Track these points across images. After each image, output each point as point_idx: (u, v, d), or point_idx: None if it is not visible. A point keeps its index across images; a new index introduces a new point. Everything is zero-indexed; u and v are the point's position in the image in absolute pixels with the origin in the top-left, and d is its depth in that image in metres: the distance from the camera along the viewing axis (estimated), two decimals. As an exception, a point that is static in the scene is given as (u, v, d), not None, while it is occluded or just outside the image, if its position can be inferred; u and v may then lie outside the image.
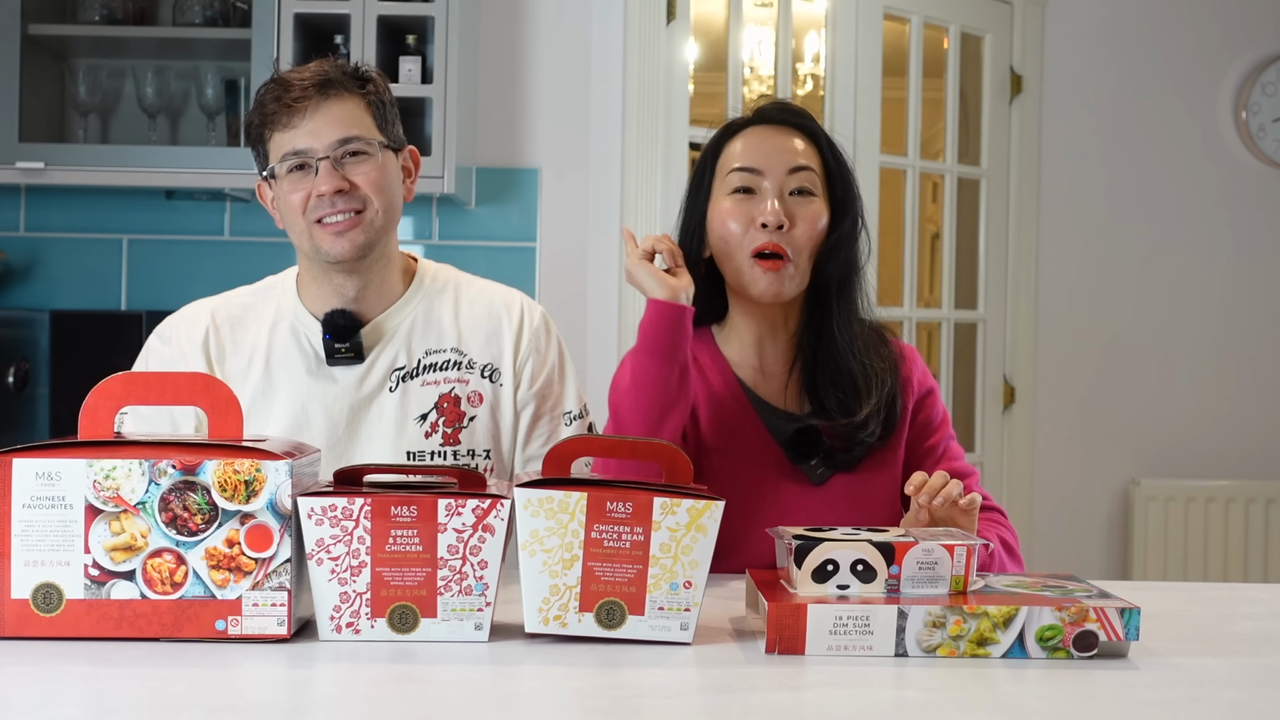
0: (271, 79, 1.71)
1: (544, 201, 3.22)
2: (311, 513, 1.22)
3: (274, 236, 3.18)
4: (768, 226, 1.64)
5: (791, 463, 1.69)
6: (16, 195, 3.19)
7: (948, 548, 1.25)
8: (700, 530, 1.24)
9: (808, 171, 1.67)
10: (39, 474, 1.21)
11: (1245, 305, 3.89)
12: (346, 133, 1.68)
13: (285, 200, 1.70)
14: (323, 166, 1.67)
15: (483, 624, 1.24)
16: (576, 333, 3.15)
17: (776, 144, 1.68)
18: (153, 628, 1.21)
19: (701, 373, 1.73)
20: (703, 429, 1.70)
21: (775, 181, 1.66)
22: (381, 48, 2.88)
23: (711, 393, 1.72)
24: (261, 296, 1.80)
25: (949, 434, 1.77)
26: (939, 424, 1.77)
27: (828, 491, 1.69)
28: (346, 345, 1.72)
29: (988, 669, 1.18)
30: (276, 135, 1.68)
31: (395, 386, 1.75)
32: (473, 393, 1.77)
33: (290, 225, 1.72)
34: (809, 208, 1.66)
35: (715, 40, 4.24)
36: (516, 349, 1.80)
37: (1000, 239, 3.83)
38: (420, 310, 1.79)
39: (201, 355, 1.74)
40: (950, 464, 1.73)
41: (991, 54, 3.78)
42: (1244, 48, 3.86)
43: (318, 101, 1.67)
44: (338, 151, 1.67)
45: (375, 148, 1.70)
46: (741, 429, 1.71)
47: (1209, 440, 3.89)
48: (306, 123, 1.67)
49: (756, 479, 1.69)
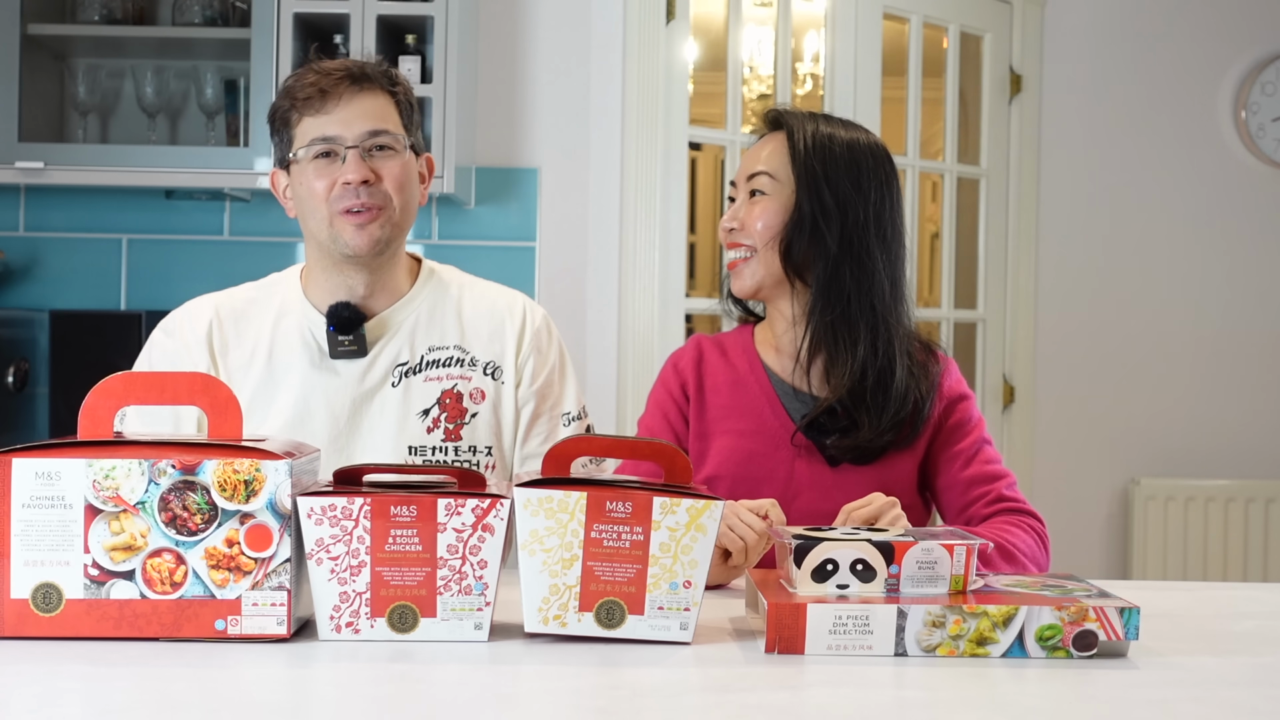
0: (304, 66, 1.73)
1: (544, 201, 3.22)
2: (311, 512, 1.22)
3: (273, 236, 3.21)
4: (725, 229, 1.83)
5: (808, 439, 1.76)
6: (16, 195, 3.19)
7: (947, 547, 1.25)
8: (700, 530, 1.24)
9: (761, 176, 1.81)
10: (38, 474, 1.21)
11: (1245, 305, 3.89)
12: (377, 125, 1.70)
13: (307, 186, 1.70)
14: (351, 155, 1.68)
15: (482, 624, 1.24)
16: (576, 333, 3.15)
17: (752, 154, 1.84)
18: (152, 628, 1.21)
19: (727, 361, 1.84)
20: (720, 411, 1.79)
21: (742, 188, 1.83)
22: (381, 47, 2.88)
23: (734, 377, 1.82)
24: (265, 291, 1.81)
25: (982, 438, 1.81)
26: (970, 429, 1.80)
27: (840, 474, 1.74)
28: (350, 338, 1.73)
29: (987, 668, 1.19)
30: (306, 120, 1.69)
31: (398, 381, 1.75)
32: (475, 389, 1.77)
33: (310, 213, 1.72)
34: (756, 207, 1.80)
35: (715, 40, 4.25)
36: (518, 347, 1.81)
37: (1000, 239, 3.83)
38: (424, 307, 1.79)
39: (205, 348, 1.75)
40: (981, 468, 1.77)
41: (991, 53, 3.78)
42: (1244, 47, 3.86)
43: (352, 92, 1.69)
44: (367, 143, 1.69)
45: (401, 145, 1.72)
46: (759, 408, 1.79)
47: (1209, 440, 3.89)
48: (339, 110, 1.68)
49: (769, 456, 1.76)
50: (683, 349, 1.88)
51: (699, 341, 1.88)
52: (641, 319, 3.20)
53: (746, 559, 1.51)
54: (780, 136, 1.81)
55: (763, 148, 1.83)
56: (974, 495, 1.76)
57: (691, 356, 1.85)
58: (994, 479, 1.76)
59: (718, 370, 1.83)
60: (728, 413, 1.79)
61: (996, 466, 1.79)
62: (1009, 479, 1.77)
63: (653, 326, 3.21)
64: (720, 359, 1.84)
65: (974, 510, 1.75)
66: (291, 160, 1.72)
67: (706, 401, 1.81)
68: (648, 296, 3.20)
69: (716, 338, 1.89)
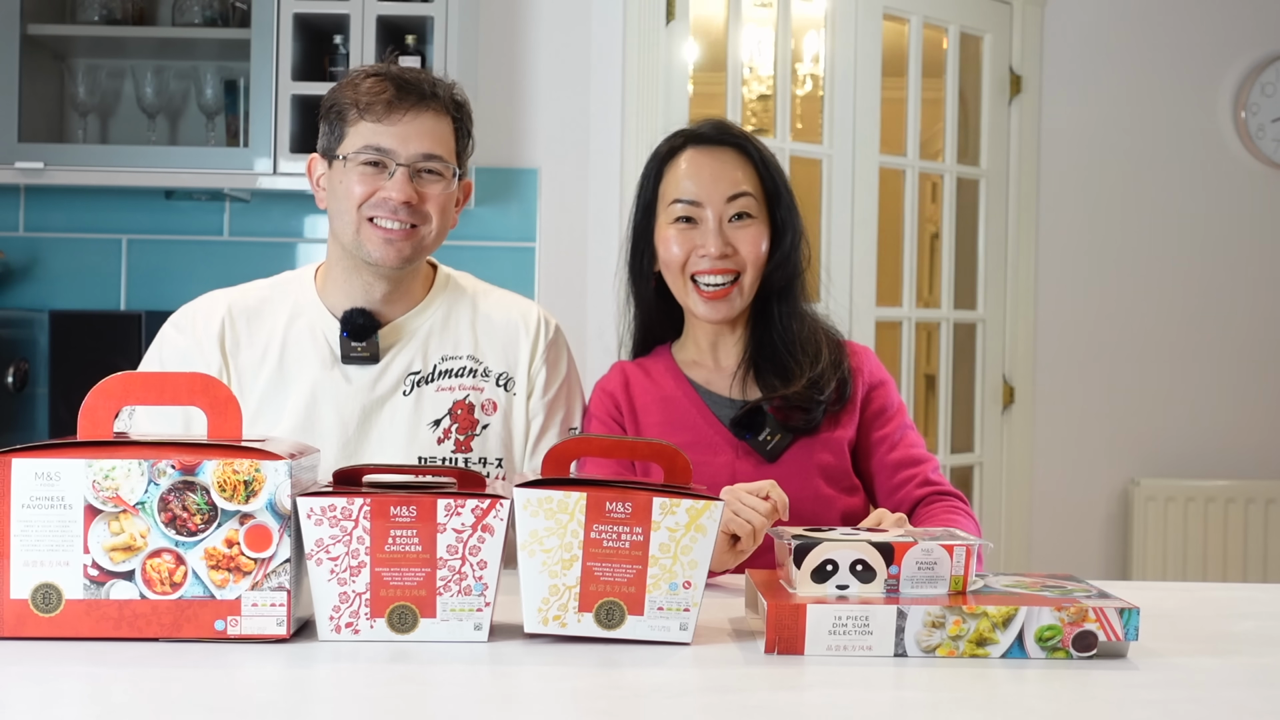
0: (377, 69, 1.70)
1: (543, 201, 3.22)
2: (311, 513, 1.22)
3: (273, 236, 3.21)
4: (710, 256, 1.75)
5: (743, 442, 1.78)
6: (16, 195, 3.19)
7: (947, 548, 1.26)
8: (699, 530, 1.24)
9: (745, 197, 1.79)
10: (38, 474, 1.21)
11: (1245, 305, 3.89)
12: (432, 149, 1.69)
13: (346, 188, 1.69)
14: (400, 174, 1.67)
15: (482, 624, 1.24)
16: (575, 333, 3.14)
17: (714, 171, 1.78)
18: (152, 628, 1.21)
19: (652, 381, 1.85)
20: (654, 430, 1.81)
21: (715, 211, 1.77)
22: (381, 48, 2.88)
23: (662, 394, 1.83)
24: (279, 290, 1.79)
25: (904, 423, 1.85)
26: (893, 414, 1.85)
27: (780, 468, 1.76)
28: (363, 345, 1.72)
29: (987, 669, 1.19)
30: (365, 124, 1.68)
31: (410, 390, 1.74)
32: (487, 401, 1.77)
33: (340, 214, 1.71)
34: (748, 231, 1.79)
35: (715, 40, 4.24)
36: (532, 358, 1.81)
37: (999, 239, 3.83)
38: (438, 316, 1.79)
39: (216, 346, 1.73)
40: (906, 451, 1.82)
41: (991, 54, 3.77)
42: (1243, 48, 3.86)
43: (418, 109, 1.68)
44: (419, 164, 1.68)
45: (450, 171, 1.71)
46: (691, 420, 1.81)
47: (1209, 440, 3.89)
48: (400, 125, 1.67)
49: (710, 463, 1.77)
50: (607, 376, 1.88)
51: (622, 367, 1.89)
52: (641, 319, 3.19)
53: (755, 541, 1.51)
54: (738, 156, 1.80)
55: (728, 167, 1.79)
56: (902, 478, 1.80)
57: (619, 380, 1.86)
58: (919, 462, 1.81)
59: (644, 390, 1.84)
60: (661, 430, 1.80)
61: (920, 450, 1.84)
62: (933, 462, 1.84)
63: (652, 327, 3.21)
64: (645, 379, 1.85)
65: (905, 492, 1.80)
66: (336, 156, 1.70)
67: (640, 421, 1.82)
68: (647, 297, 3.20)
69: (638, 361, 1.90)
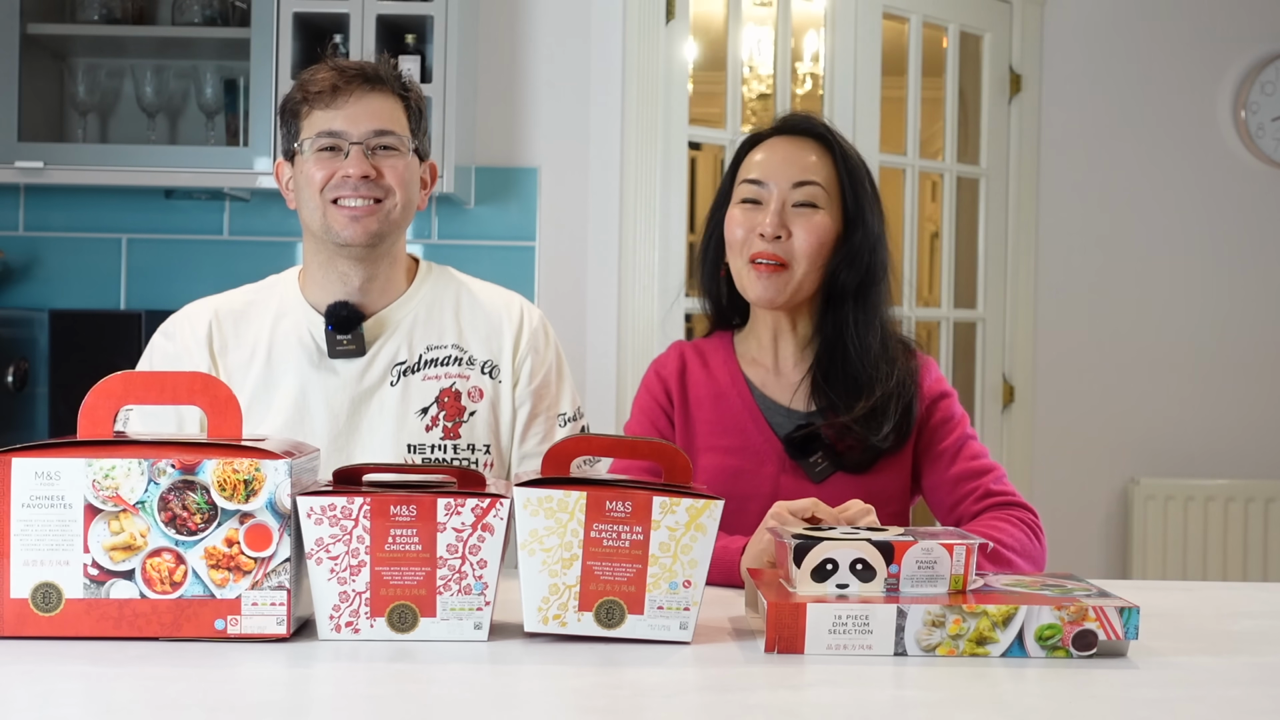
0: (321, 64, 1.76)
1: (543, 201, 3.22)
2: (311, 512, 1.22)
3: (273, 236, 3.21)
4: (765, 236, 1.72)
5: (791, 459, 1.73)
6: (16, 195, 3.19)
7: (947, 547, 1.25)
8: (699, 529, 1.24)
9: (813, 186, 1.73)
10: (38, 473, 1.21)
11: (1245, 304, 3.89)
12: (383, 125, 1.72)
13: (306, 175, 1.73)
14: (354, 151, 1.71)
15: (482, 623, 1.24)
16: (575, 332, 3.15)
17: (787, 155, 1.75)
18: (152, 627, 1.21)
19: (708, 373, 1.80)
20: (704, 426, 1.76)
21: (780, 193, 1.73)
22: (381, 47, 2.88)
23: (717, 390, 1.79)
24: (264, 292, 1.83)
25: (966, 434, 1.78)
26: (954, 426, 1.78)
27: (826, 490, 1.71)
28: (348, 337, 1.74)
29: (987, 668, 1.18)
30: (315, 113, 1.72)
31: (396, 380, 1.76)
32: (473, 388, 1.78)
33: (304, 202, 1.74)
34: (810, 219, 1.73)
35: (714, 39, 4.25)
36: (515, 347, 1.82)
37: (999, 238, 3.83)
38: (422, 306, 1.81)
39: (205, 349, 1.76)
40: (966, 464, 1.75)
41: (990, 53, 3.78)
42: (1243, 47, 3.86)
43: (363, 90, 1.72)
44: (371, 141, 1.72)
45: (406, 146, 1.75)
46: (742, 425, 1.76)
47: (1209, 440, 3.89)
48: (348, 107, 1.71)
49: (754, 473, 1.73)
50: (665, 356, 1.85)
51: (681, 350, 1.85)
52: (641, 319, 3.20)
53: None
54: (818, 147, 1.76)
55: (804, 153, 1.75)
56: (962, 492, 1.73)
57: (675, 366, 1.82)
58: (981, 474, 1.73)
59: (700, 382, 1.80)
60: (711, 428, 1.77)
61: (983, 461, 1.76)
62: (996, 472, 1.75)
63: (652, 326, 3.21)
64: (702, 369, 1.81)
65: (964, 508, 1.73)
66: (296, 151, 1.74)
67: (691, 414, 1.79)
68: (647, 296, 3.20)
69: (697, 345, 1.86)
